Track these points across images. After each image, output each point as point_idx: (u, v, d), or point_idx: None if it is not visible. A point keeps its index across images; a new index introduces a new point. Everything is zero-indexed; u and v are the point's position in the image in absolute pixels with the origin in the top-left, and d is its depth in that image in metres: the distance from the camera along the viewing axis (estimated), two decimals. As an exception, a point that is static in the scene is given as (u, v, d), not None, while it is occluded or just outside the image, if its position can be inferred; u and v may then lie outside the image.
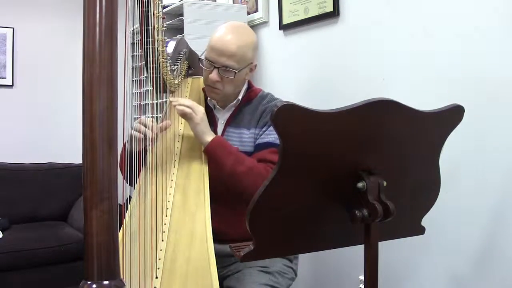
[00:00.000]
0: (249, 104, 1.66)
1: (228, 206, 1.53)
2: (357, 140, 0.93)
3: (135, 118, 2.18)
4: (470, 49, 1.69)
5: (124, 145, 1.52)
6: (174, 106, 1.54)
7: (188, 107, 1.53)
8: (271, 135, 1.57)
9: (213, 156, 1.52)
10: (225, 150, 1.52)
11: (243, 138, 1.61)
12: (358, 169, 0.93)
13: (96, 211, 0.58)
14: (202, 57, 1.63)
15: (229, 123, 1.66)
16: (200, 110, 1.55)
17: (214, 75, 1.57)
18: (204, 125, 1.54)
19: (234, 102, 1.66)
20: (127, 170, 1.41)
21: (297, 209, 0.94)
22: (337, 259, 2.27)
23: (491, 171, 1.63)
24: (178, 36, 2.66)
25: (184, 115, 1.54)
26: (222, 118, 1.68)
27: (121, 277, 0.62)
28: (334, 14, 2.25)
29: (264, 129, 1.60)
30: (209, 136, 1.53)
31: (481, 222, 1.67)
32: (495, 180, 1.62)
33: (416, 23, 1.89)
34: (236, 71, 1.57)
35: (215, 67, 1.57)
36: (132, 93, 2.62)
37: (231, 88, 1.62)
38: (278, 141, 1.51)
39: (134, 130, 1.49)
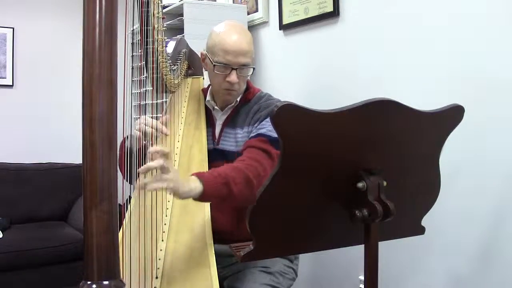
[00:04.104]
0: (246, 104, 1.66)
1: (228, 206, 1.53)
2: (357, 140, 0.93)
3: (135, 118, 2.18)
4: (470, 49, 1.69)
5: (123, 141, 1.51)
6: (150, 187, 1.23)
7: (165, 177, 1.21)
8: (263, 128, 1.55)
9: (211, 198, 1.34)
10: (216, 185, 1.32)
11: (238, 137, 1.61)
12: (358, 169, 0.93)
13: (96, 211, 0.58)
14: (215, 63, 1.58)
15: (226, 124, 1.66)
16: (174, 170, 1.23)
17: (234, 77, 1.56)
18: (185, 182, 1.25)
19: (233, 103, 1.66)
20: (127, 168, 1.40)
21: (297, 209, 0.94)
22: (337, 259, 2.27)
23: (491, 171, 1.63)
24: (178, 36, 2.66)
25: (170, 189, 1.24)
26: (220, 119, 1.68)
27: (121, 277, 0.62)
28: (334, 14, 2.25)
29: (256, 124, 1.60)
30: (195, 188, 1.27)
31: (481, 222, 1.67)
32: (495, 180, 1.62)
33: (416, 23, 1.89)
34: (254, 67, 1.62)
35: (232, 69, 1.57)
36: (132, 93, 2.62)
37: (244, 85, 1.66)
38: (269, 133, 1.52)
39: (135, 130, 1.47)
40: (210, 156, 1.59)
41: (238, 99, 1.66)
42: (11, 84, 3.53)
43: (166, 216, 1.42)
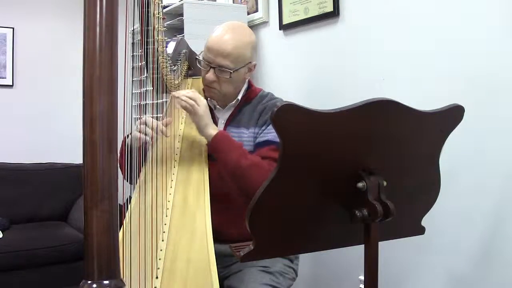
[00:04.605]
0: (249, 103, 1.67)
1: (228, 206, 1.53)
2: (357, 140, 0.93)
3: (135, 118, 2.18)
4: (470, 49, 1.69)
5: (124, 140, 1.51)
6: (176, 98, 1.53)
7: (190, 98, 1.51)
8: (270, 133, 1.57)
9: (218, 150, 1.50)
10: (230, 144, 1.51)
11: (243, 137, 1.61)
12: (358, 169, 0.93)
13: (96, 211, 0.58)
14: (200, 58, 1.63)
15: (229, 123, 1.66)
16: (203, 102, 1.53)
17: (210, 75, 1.58)
18: (207, 118, 1.52)
19: (234, 102, 1.66)
20: (127, 168, 1.41)
21: (297, 209, 0.94)
22: (337, 259, 2.27)
23: (491, 171, 1.63)
24: (178, 36, 2.66)
25: (186, 108, 1.53)
26: (222, 118, 1.68)
27: (121, 277, 0.62)
28: (334, 14, 2.25)
29: (263, 127, 1.60)
30: (212, 129, 1.51)
31: (481, 222, 1.67)
32: (494, 180, 1.62)
33: (416, 23, 1.89)
34: (232, 71, 1.57)
35: (211, 67, 1.57)
36: (132, 93, 2.62)
37: (229, 88, 1.62)
38: (277, 139, 1.52)
39: (136, 130, 1.49)
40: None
41: (240, 97, 1.66)
42: (11, 84, 3.53)
43: (167, 216, 1.43)
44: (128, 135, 1.51)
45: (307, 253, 1.63)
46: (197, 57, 1.63)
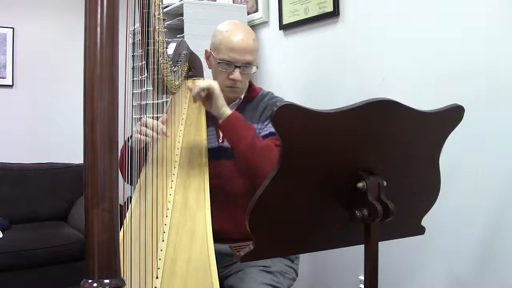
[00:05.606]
0: (251, 102, 1.68)
1: (228, 206, 1.54)
2: (357, 140, 0.93)
3: (136, 118, 2.18)
4: (470, 49, 1.69)
5: (125, 143, 1.52)
6: (192, 91, 1.52)
7: (205, 86, 1.50)
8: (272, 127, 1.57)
9: (234, 128, 1.50)
10: (246, 124, 1.51)
11: None
12: (358, 169, 0.93)
13: (97, 210, 0.58)
14: (219, 61, 1.60)
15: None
16: (217, 84, 1.52)
17: (237, 75, 1.59)
18: (222, 98, 1.51)
19: (237, 101, 1.67)
20: (127, 169, 1.41)
21: (297, 209, 0.94)
22: (337, 259, 2.28)
23: (491, 171, 1.63)
24: (178, 36, 2.66)
25: (207, 95, 1.51)
26: (224, 117, 1.68)
27: (122, 276, 0.62)
28: (334, 14, 2.25)
29: (266, 123, 1.62)
30: (228, 109, 1.51)
31: (481, 222, 1.67)
32: (495, 180, 1.62)
33: (416, 23, 1.89)
34: (257, 66, 1.63)
35: (236, 67, 1.58)
36: (133, 93, 2.62)
37: (247, 84, 1.67)
38: None
39: (136, 133, 1.49)
40: (215, 154, 1.59)
41: (242, 97, 1.67)
42: (11, 84, 3.53)
43: (167, 216, 1.43)
44: (129, 138, 1.51)
45: (307, 253, 1.63)
46: (219, 61, 1.60)
